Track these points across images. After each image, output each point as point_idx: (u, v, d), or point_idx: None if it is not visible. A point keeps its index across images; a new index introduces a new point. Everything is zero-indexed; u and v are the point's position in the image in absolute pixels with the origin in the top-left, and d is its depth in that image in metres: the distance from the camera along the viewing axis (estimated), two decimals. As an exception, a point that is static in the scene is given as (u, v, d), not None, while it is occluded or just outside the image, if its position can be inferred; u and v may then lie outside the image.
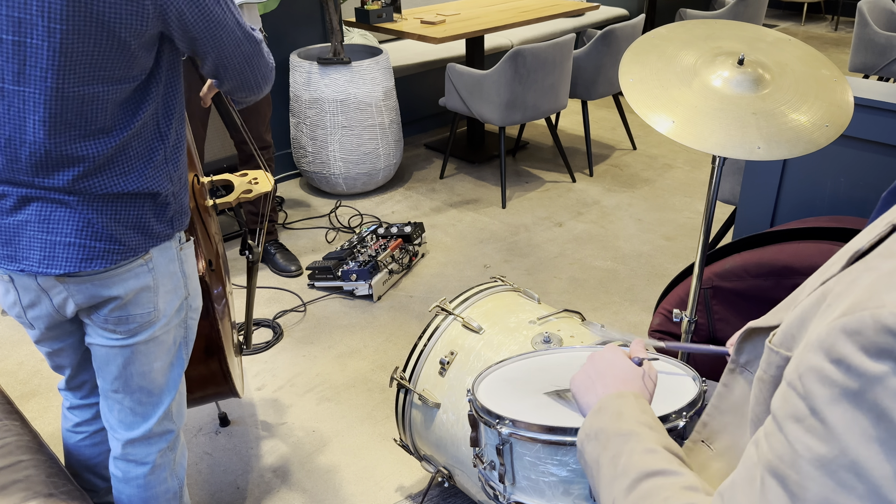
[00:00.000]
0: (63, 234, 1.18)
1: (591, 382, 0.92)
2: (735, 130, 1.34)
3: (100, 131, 1.15)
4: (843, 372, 0.54)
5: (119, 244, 1.22)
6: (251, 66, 1.27)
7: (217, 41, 1.18)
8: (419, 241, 3.11)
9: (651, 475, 0.74)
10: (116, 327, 1.30)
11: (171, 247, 1.32)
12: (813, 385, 0.56)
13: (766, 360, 0.69)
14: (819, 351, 0.56)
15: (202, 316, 1.56)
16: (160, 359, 1.38)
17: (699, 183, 3.86)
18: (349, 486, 2.00)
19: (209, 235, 1.66)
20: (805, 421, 0.56)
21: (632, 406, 0.84)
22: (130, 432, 1.43)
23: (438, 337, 1.68)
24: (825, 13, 8.08)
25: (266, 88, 1.36)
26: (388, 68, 3.56)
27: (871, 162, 1.91)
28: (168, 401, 1.44)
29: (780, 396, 0.60)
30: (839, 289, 0.61)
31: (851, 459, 0.53)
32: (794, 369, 0.59)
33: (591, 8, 4.23)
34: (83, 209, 1.18)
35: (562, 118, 4.84)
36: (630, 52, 1.51)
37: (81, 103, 1.11)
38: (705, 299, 1.88)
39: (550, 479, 1.12)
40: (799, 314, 0.66)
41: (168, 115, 1.24)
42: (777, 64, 1.46)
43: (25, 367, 2.49)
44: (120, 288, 1.26)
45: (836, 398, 0.54)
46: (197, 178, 1.68)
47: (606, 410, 0.85)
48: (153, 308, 1.31)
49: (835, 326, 0.55)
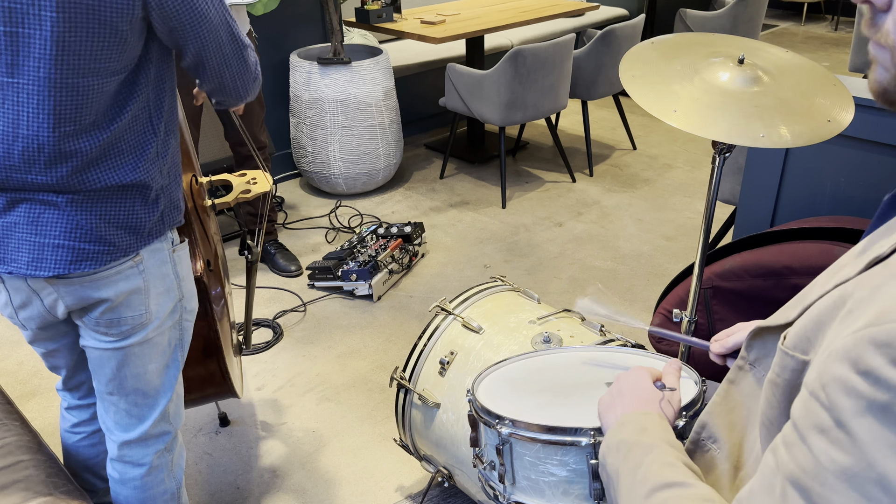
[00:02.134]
0: (52, 235, 1.17)
1: (612, 402, 0.93)
2: (738, 119, 1.34)
3: (92, 125, 1.14)
4: (871, 384, 0.53)
5: (108, 245, 1.21)
6: (231, 69, 1.25)
7: (197, 36, 1.17)
8: (419, 241, 3.11)
9: (668, 486, 0.74)
10: (108, 329, 1.29)
11: (163, 248, 1.31)
12: (838, 396, 0.54)
13: (778, 363, 0.68)
14: (845, 361, 0.55)
15: (200, 316, 1.56)
16: (155, 360, 1.37)
17: (699, 183, 3.86)
18: (349, 486, 2.00)
19: (207, 236, 1.66)
20: (829, 433, 0.55)
21: (656, 424, 0.85)
22: (126, 434, 1.42)
23: (438, 337, 1.68)
24: (825, 13, 8.08)
25: (246, 97, 1.34)
26: (388, 68, 3.56)
27: (871, 162, 1.91)
28: (164, 402, 1.43)
29: (802, 406, 0.59)
30: (861, 294, 0.59)
31: (879, 473, 0.52)
32: (816, 378, 0.57)
33: (591, 8, 4.23)
34: (72, 210, 1.17)
35: (562, 118, 4.84)
36: (630, 53, 1.52)
37: (76, 94, 1.09)
38: (705, 299, 1.88)
39: (550, 479, 1.12)
40: (814, 317, 0.65)
41: (159, 107, 1.23)
42: (777, 68, 1.46)
43: (25, 367, 2.49)
44: (110, 290, 1.25)
45: (863, 410, 0.53)
46: (195, 178, 1.68)
47: (629, 424, 0.86)
48: (145, 310, 1.30)
49: (862, 337, 0.54)
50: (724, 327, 1.87)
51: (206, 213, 1.72)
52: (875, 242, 0.66)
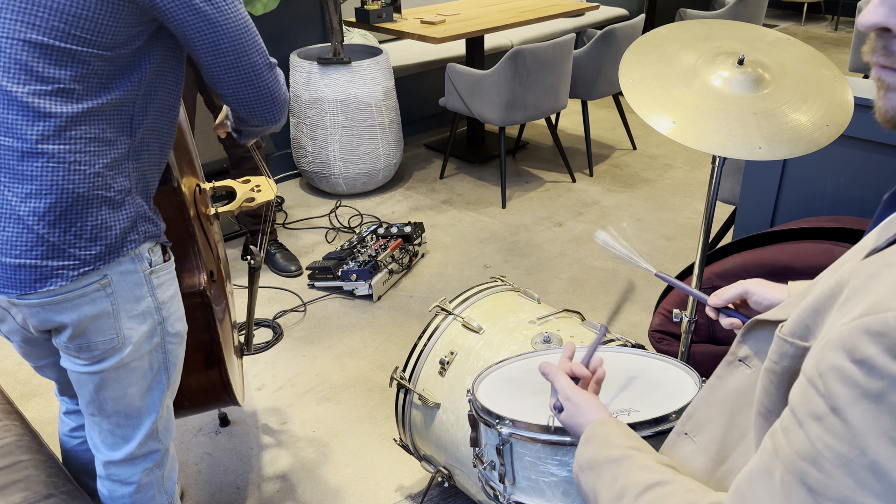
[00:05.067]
0: (13, 255, 1.12)
1: (572, 414, 0.97)
2: (736, 130, 1.34)
3: (62, 91, 1.09)
4: (866, 373, 0.54)
5: (73, 259, 1.14)
6: (251, 84, 1.19)
7: (204, 39, 1.13)
8: (419, 241, 3.11)
9: (651, 486, 0.77)
10: (79, 354, 1.24)
11: (137, 270, 1.23)
12: (835, 384, 0.56)
13: (776, 350, 0.70)
14: (841, 350, 0.56)
15: (203, 329, 1.51)
16: (135, 384, 1.31)
17: (699, 183, 3.86)
18: (349, 486, 2.00)
19: (210, 244, 1.63)
20: (825, 419, 0.57)
21: (616, 432, 0.88)
22: (113, 453, 1.37)
23: (438, 337, 1.68)
24: (825, 13, 8.08)
25: (273, 119, 1.26)
26: (388, 68, 3.56)
27: (871, 162, 1.91)
28: (149, 423, 1.36)
29: (800, 392, 0.60)
30: (857, 282, 0.60)
31: (871, 459, 0.54)
32: (813, 366, 0.59)
33: (591, 8, 4.23)
34: (34, 223, 1.11)
35: (562, 118, 4.84)
36: (630, 52, 1.51)
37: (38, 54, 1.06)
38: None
39: (551, 479, 1.12)
40: (811, 304, 0.66)
41: (143, 110, 1.18)
42: (777, 64, 1.46)
43: (25, 367, 2.49)
44: (71, 314, 1.18)
45: (858, 398, 0.54)
46: (199, 186, 1.66)
47: (594, 439, 0.89)
48: (115, 335, 1.23)
49: (857, 326, 0.55)
50: (723, 327, 1.87)
51: (210, 221, 1.70)
52: (875, 237, 0.67)
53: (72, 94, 1.09)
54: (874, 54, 0.64)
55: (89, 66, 1.09)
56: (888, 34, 0.62)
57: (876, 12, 0.62)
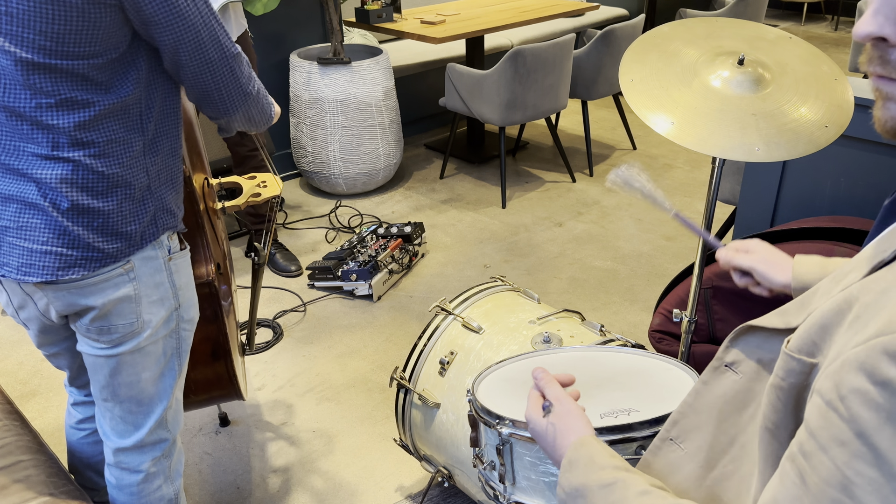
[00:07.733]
0: (39, 241, 1.15)
1: (544, 433, 0.92)
2: (735, 132, 1.34)
3: (66, 102, 1.10)
4: (890, 395, 0.53)
5: (97, 251, 1.18)
6: (216, 77, 1.19)
7: (172, 32, 1.12)
8: (419, 241, 3.11)
9: None
10: (99, 336, 1.27)
11: (157, 256, 1.28)
12: (858, 409, 0.55)
13: (783, 366, 0.68)
14: (860, 372, 0.55)
15: (210, 320, 1.54)
16: (149, 369, 1.34)
17: (699, 183, 3.86)
18: (349, 486, 2.00)
19: (217, 238, 1.65)
20: (851, 445, 0.55)
21: (598, 451, 0.84)
22: (122, 440, 1.40)
23: (438, 337, 1.68)
24: (825, 13, 8.08)
25: (235, 112, 1.27)
26: (388, 68, 3.56)
27: (871, 162, 1.91)
28: (160, 410, 1.40)
29: (819, 416, 0.59)
30: (867, 299, 0.59)
31: None
32: (832, 388, 0.58)
33: (591, 8, 4.23)
34: (58, 216, 1.15)
35: (562, 118, 4.84)
36: (630, 51, 1.51)
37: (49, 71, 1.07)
38: (705, 299, 1.88)
39: (551, 479, 1.12)
40: (818, 320, 0.64)
41: (149, 105, 1.19)
42: (777, 63, 1.46)
43: (25, 367, 2.49)
44: (98, 297, 1.22)
45: (884, 422, 0.53)
46: (207, 181, 1.67)
47: (577, 463, 0.84)
48: (136, 319, 1.28)
49: (874, 346, 0.54)
50: (724, 327, 1.87)
51: (217, 216, 1.72)
52: (878, 248, 0.66)
53: (76, 103, 1.11)
54: (871, 64, 0.63)
55: (86, 76, 1.11)
56: (884, 44, 0.62)
57: (871, 22, 0.61)
